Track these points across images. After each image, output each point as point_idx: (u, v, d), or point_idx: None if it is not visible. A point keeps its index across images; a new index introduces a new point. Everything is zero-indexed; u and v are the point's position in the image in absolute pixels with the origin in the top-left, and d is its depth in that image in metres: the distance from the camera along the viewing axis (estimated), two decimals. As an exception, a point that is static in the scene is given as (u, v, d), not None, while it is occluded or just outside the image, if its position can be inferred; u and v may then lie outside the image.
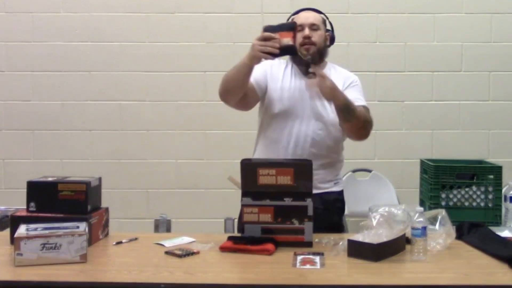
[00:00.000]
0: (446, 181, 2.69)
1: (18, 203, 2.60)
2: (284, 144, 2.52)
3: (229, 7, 4.03)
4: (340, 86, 2.49)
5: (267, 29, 2.28)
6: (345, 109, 2.38)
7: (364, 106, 2.54)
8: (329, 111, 2.51)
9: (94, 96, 4.11)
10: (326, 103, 2.49)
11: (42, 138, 4.12)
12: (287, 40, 2.25)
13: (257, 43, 2.26)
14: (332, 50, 4.00)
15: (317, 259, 2.02)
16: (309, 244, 2.18)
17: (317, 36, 2.52)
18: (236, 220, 2.65)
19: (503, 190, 2.65)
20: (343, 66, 4.19)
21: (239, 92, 2.45)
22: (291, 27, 2.29)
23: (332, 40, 2.63)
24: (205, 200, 4.08)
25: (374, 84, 4.08)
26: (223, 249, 2.14)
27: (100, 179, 2.42)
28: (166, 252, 2.12)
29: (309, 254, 2.08)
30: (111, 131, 4.11)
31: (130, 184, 4.11)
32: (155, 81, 4.10)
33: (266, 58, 2.27)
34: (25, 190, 2.31)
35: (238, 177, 2.33)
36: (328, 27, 2.65)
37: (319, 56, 2.56)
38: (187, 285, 1.83)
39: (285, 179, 2.20)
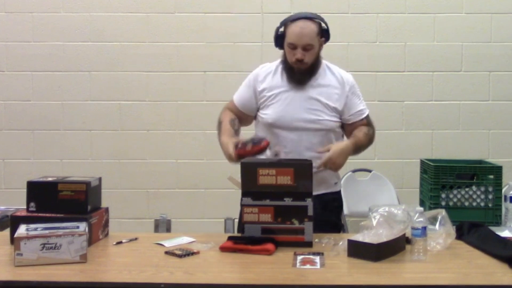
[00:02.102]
0: (446, 181, 2.69)
1: (18, 203, 2.60)
2: (283, 151, 2.50)
3: (229, 7, 4.03)
4: (338, 90, 2.52)
5: (240, 157, 2.33)
6: (354, 154, 2.49)
7: (367, 117, 2.59)
8: (324, 116, 2.50)
9: (94, 96, 4.11)
10: (320, 108, 2.49)
11: (42, 138, 4.12)
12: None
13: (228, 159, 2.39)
14: (332, 50, 4.01)
15: (317, 259, 2.02)
16: (309, 244, 2.18)
17: (309, 56, 2.45)
18: (236, 220, 2.64)
19: (503, 190, 2.64)
20: (343, 66, 4.20)
21: None
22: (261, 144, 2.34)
23: (327, 40, 2.56)
24: (205, 200, 4.09)
25: (374, 84, 4.08)
26: (223, 249, 2.14)
27: (100, 179, 2.42)
28: (166, 252, 2.11)
29: (309, 254, 2.08)
30: (111, 131, 4.11)
31: (130, 184, 4.11)
32: (155, 81, 4.10)
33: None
34: (25, 190, 2.30)
35: (238, 177, 2.34)
36: (324, 26, 2.53)
37: (312, 68, 2.50)
38: (187, 285, 1.83)
39: (285, 179, 2.20)
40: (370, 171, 4.00)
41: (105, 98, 4.11)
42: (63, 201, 2.26)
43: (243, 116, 2.62)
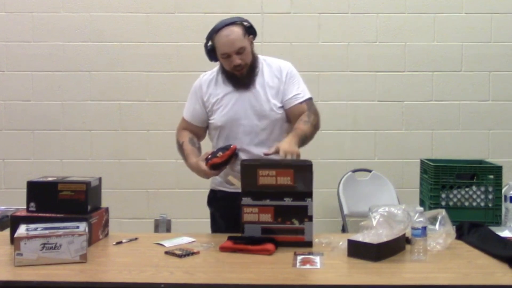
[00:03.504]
0: (446, 181, 2.69)
1: (18, 203, 2.60)
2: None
3: (229, 7, 4.02)
4: (275, 81, 2.53)
5: (214, 167, 2.43)
6: (301, 144, 2.41)
7: (306, 101, 2.53)
8: (270, 109, 2.51)
9: (94, 96, 4.11)
10: (264, 104, 2.50)
11: (42, 138, 4.12)
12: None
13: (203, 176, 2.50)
14: (332, 50, 4.03)
15: (317, 259, 2.02)
16: (309, 244, 2.18)
17: (245, 57, 2.47)
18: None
19: (503, 190, 2.65)
20: (343, 66, 4.21)
21: None
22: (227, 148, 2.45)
23: (255, 36, 2.55)
24: (205, 200, 4.07)
25: (374, 84, 4.08)
26: (223, 249, 2.14)
27: (100, 179, 2.42)
28: (166, 252, 2.12)
29: (309, 254, 2.08)
30: (111, 131, 4.11)
31: (130, 184, 4.11)
32: (155, 81, 4.10)
33: None
34: (25, 190, 2.30)
35: (238, 177, 2.34)
36: (246, 24, 2.52)
37: (253, 68, 2.52)
38: (187, 285, 1.83)
39: (285, 180, 2.20)
40: (370, 171, 4.00)
41: (105, 98, 4.11)
42: (63, 201, 2.26)
43: (198, 131, 2.66)
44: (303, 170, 2.22)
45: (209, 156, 2.42)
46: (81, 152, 4.11)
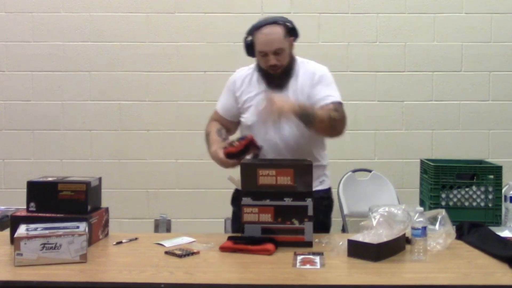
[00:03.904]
0: (446, 181, 2.69)
1: (18, 203, 2.60)
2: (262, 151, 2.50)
3: (229, 7, 4.03)
4: (307, 84, 2.49)
5: (230, 156, 2.40)
6: (302, 118, 2.36)
7: (334, 103, 2.45)
8: None
9: (94, 96, 4.11)
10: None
11: (42, 138, 4.12)
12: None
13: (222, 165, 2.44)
14: (332, 50, 4.03)
15: (317, 259, 2.02)
16: (309, 244, 2.18)
17: (282, 58, 2.45)
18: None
19: (503, 190, 2.65)
20: (343, 66, 4.21)
21: None
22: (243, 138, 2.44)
23: (296, 37, 2.55)
24: (205, 200, 4.08)
25: (374, 84, 4.08)
26: (223, 249, 2.14)
27: (100, 179, 2.42)
28: (166, 252, 2.12)
29: (309, 254, 2.08)
30: (111, 131, 4.11)
31: (130, 184, 4.10)
32: (155, 81, 4.10)
33: None
34: (25, 190, 2.31)
35: (238, 177, 2.34)
36: (289, 25, 2.50)
37: (288, 69, 2.49)
38: (187, 285, 1.83)
39: (285, 180, 2.20)
40: (370, 171, 4.00)
41: (105, 98, 4.11)
42: (63, 201, 2.26)
43: (228, 124, 2.65)
44: (303, 170, 2.22)
45: (227, 146, 2.41)
46: (81, 152, 4.11)
